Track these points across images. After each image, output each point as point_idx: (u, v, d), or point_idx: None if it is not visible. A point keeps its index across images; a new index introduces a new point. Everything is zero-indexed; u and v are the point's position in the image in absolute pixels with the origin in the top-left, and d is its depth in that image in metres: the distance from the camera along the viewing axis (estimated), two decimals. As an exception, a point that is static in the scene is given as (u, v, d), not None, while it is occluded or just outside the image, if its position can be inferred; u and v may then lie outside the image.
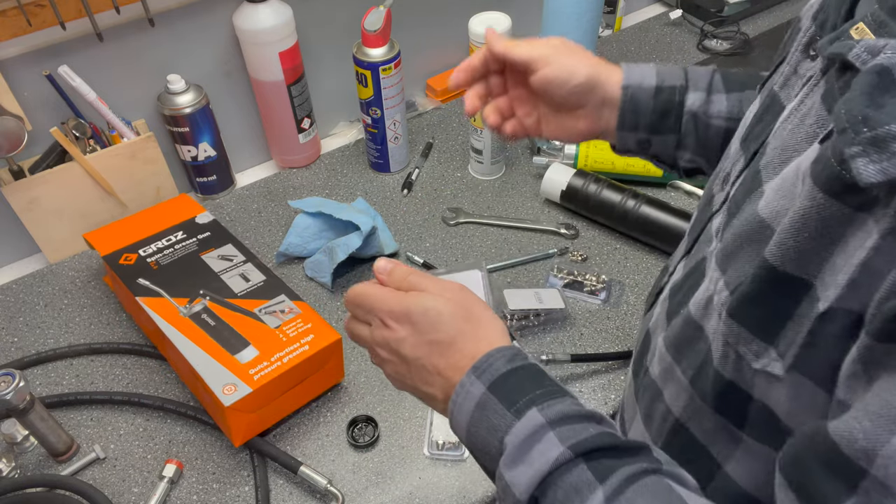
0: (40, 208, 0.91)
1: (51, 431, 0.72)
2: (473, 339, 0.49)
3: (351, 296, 0.54)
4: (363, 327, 0.54)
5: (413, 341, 0.50)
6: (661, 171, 1.01)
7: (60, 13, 0.81)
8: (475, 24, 0.91)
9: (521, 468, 0.43)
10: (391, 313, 0.51)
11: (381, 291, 0.53)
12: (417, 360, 0.50)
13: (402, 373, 0.52)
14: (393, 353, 0.51)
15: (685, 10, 1.36)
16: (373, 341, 0.53)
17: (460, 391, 0.47)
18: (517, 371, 0.47)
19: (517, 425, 0.44)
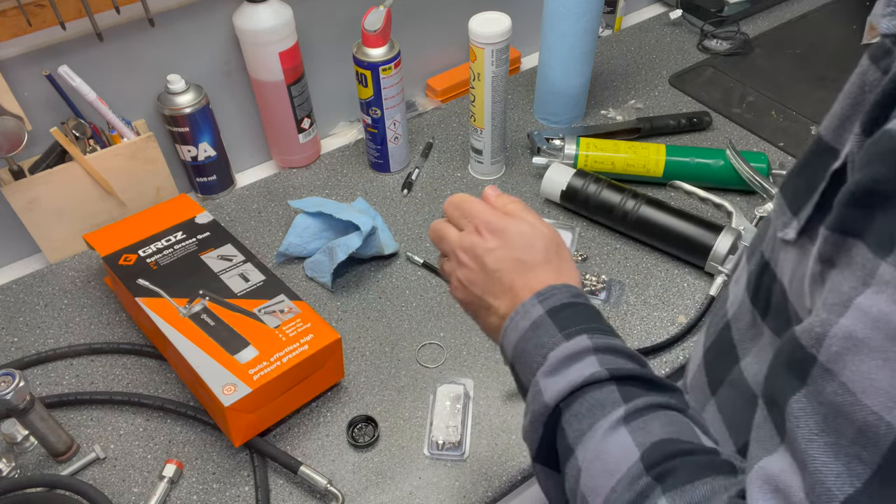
0: (40, 208, 0.91)
1: (51, 431, 0.72)
2: (554, 272, 0.53)
3: (455, 199, 0.58)
4: (453, 230, 0.57)
5: (500, 254, 0.53)
6: (661, 171, 1.01)
7: (60, 13, 0.81)
8: (475, 24, 0.91)
9: (555, 378, 0.46)
10: (488, 224, 0.54)
11: (484, 204, 0.57)
12: (497, 272, 0.53)
13: (473, 280, 0.54)
14: (474, 259, 0.54)
15: (685, 10, 1.36)
16: (458, 243, 0.56)
17: (520, 310, 0.51)
18: (577, 305, 0.50)
19: (564, 344, 0.47)
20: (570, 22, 1.03)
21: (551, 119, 1.16)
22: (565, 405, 0.45)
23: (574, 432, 0.44)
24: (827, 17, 1.38)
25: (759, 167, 0.97)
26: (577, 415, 0.45)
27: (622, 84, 1.24)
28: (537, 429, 0.47)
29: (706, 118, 1.13)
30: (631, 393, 0.44)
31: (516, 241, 0.53)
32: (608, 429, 0.42)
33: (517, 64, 1.29)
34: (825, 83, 1.21)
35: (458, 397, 0.79)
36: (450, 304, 0.90)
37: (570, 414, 0.45)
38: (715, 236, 0.88)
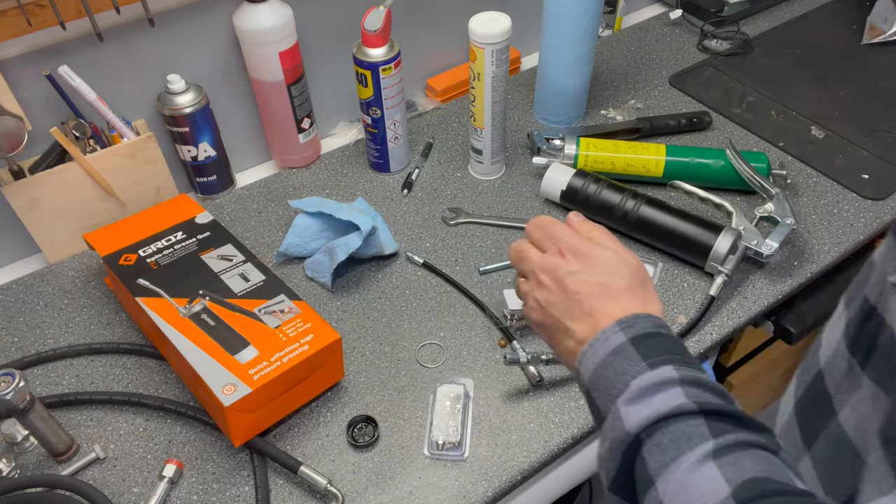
0: (40, 208, 0.91)
1: (51, 431, 0.72)
2: (638, 301, 0.52)
3: (539, 220, 0.59)
4: (535, 250, 0.58)
5: (582, 277, 0.53)
6: (661, 171, 1.01)
7: (60, 13, 0.81)
8: (475, 24, 0.91)
9: (637, 406, 0.45)
10: (572, 247, 0.55)
11: (568, 228, 0.57)
12: (577, 294, 0.53)
13: (552, 301, 0.54)
14: (555, 281, 0.55)
15: (685, 10, 1.36)
16: (539, 264, 0.56)
17: (601, 336, 0.50)
18: (661, 336, 0.50)
19: (648, 373, 0.46)
20: (570, 22, 1.03)
21: (551, 119, 1.16)
22: (647, 434, 0.44)
23: (656, 463, 0.43)
24: (827, 17, 1.38)
25: (759, 167, 0.97)
26: (659, 445, 0.43)
27: (622, 84, 1.24)
28: (616, 457, 0.45)
29: (706, 118, 1.13)
30: (720, 428, 0.42)
31: (600, 267, 0.53)
32: (695, 462, 0.41)
33: (517, 64, 1.29)
34: (825, 83, 1.21)
35: (458, 397, 0.79)
36: (450, 304, 0.90)
37: (652, 444, 0.43)
38: (715, 236, 0.88)
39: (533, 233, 0.59)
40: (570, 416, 0.78)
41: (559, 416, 0.78)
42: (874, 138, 1.10)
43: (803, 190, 1.03)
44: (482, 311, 0.89)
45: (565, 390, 0.80)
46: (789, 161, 1.07)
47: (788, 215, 0.90)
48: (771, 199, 0.93)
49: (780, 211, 0.91)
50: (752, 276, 0.92)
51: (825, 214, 0.99)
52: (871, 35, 1.30)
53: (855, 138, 1.10)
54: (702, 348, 0.84)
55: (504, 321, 0.86)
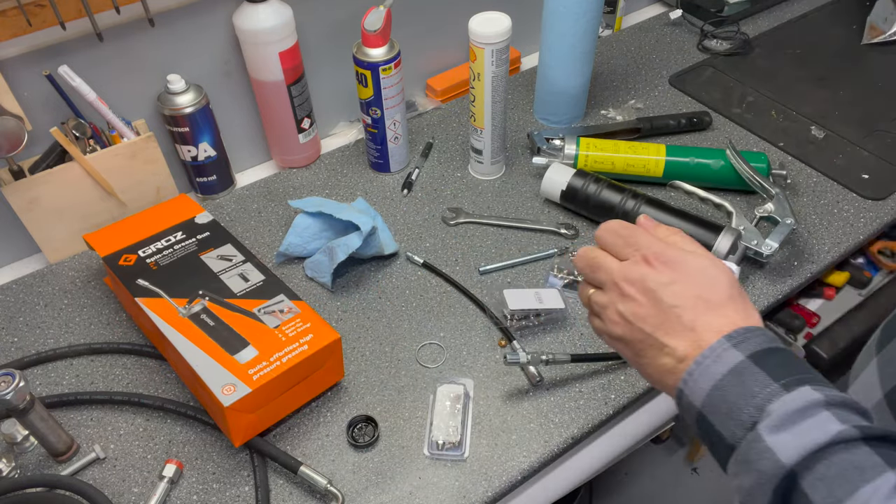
0: (40, 208, 0.91)
1: (51, 431, 0.72)
2: (742, 311, 0.49)
3: (613, 225, 0.54)
4: (612, 259, 0.53)
5: (678, 289, 0.49)
6: (661, 171, 1.01)
7: (60, 13, 0.81)
8: (475, 24, 0.91)
9: (786, 436, 0.42)
10: (660, 255, 0.51)
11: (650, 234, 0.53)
12: (674, 308, 0.49)
13: (641, 315, 0.50)
14: (644, 294, 0.50)
15: (685, 10, 1.36)
16: (622, 274, 0.52)
17: (710, 354, 0.47)
18: (780, 351, 0.47)
19: (786, 396, 0.43)
20: (570, 22, 1.03)
21: (551, 119, 1.16)
22: (803, 467, 0.41)
23: (825, 499, 0.40)
24: (827, 17, 1.38)
25: (759, 167, 0.97)
26: (824, 479, 0.40)
27: (622, 84, 1.24)
28: (766, 492, 0.42)
29: (706, 118, 1.13)
30: (891, 456, 0.40)
31: (697, 277, 0.50)
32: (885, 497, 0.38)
33: (517, 64, 1.29)
34: (825, 83, 1.21)
35: (458, 397, 0.79)
36: (450, 304, 0.90)
37: (813, 477, 0.40)
38: (715, 236, 0.88)
39: (607, 238, 0.54)
40: (570, 416, 0.78)
41: (559, 416, 0.78)
42: (874, 138, 1.10)
43: (803, 190, 1.03)
44: (482, 311, 0.89)
45: (565, 390, 0.80)
46: (789, 161, 1.07)
47: (788, 215, 0.90)
48: (771, 199, 0.93)
49: (780, 211, 0.91)
50: (752, 276, 0.92)
51: (825, 214, 0.99)
52: (871, 35, 1.30)
53: (855, 138, 1.10)
54: (702, 348, 0.84)
55: (504, 321, 0.87)
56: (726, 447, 0.46)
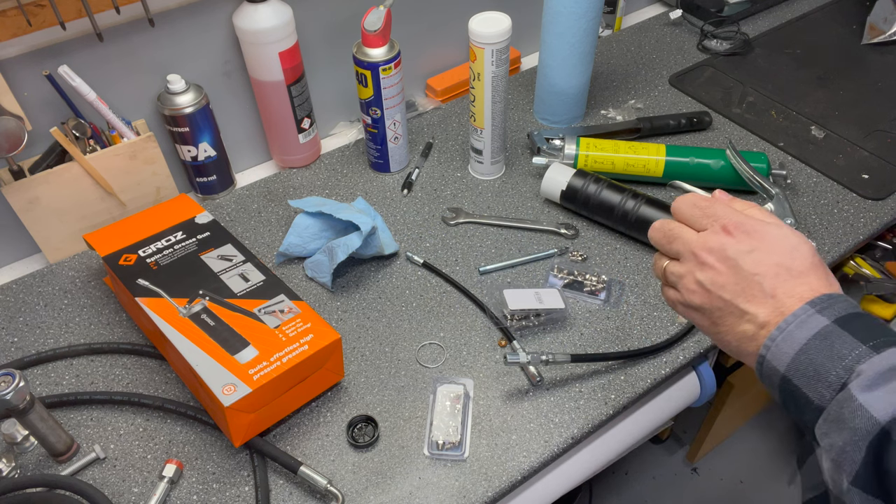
0: (40, 208, 0.91)
1: (51, 431, 0.72)
2: (824, 279, 0.50)
3: (690, 198, 0.55)
4: (689, 229, 0.55)
5: (759, 257, 0.50)
6: (661, 171, 1.01)
7: (60, 13, 0.81)
8: (475, 24, 0.91)
9: (879, 393, 0.43)
10: (740, 225, 0.52)
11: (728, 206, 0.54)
12: (755, 275, 0.50)
13: (721, 283, 0.51)
14: (723, 261, 0.52)
15: (685, 10, 1.37)
16: (701, 244, 0.53)
17: (793, 320, 0.48)
18: (865, 316, 0.48)
19: (876, 357, 0.44)
20: (570, 22, 1.03)
21: (551, 119, 1.16)
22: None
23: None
24: (827, 17, 1.38)
25: (759, 167, 0.97)
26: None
27: (622, 84, 1.24)
28: (860, 448, 0.43)
29: (706, 118, 1.13)
30: None
31: (777, 245, 0.50)
32: None
33: (517, 64, 1.29)
34: (825, 83, 1.21)
35: (458, 397, 0.79)
36: (450, 304, 0.90)
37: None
38: (715, 236, 0.87)
39: (684, 210, 0.55)
40: (570, 416, 0.78)
41: (559, 416, 0.78)
42: (874, 138, 1.10)
43: (803, 190, 1.03)
44: (482, 311, 0.89)
45: (565, 390, 0.80)
46: (789, 161, 1.08)
47: (788, 215, 0.90)
48: (771, 199, 0.93)
49: (780, 211, 0.91)
50: (752, 276, 0.92)
51: (825, 214, 0.99)
52: (871, 35, 1.30)
53: (855, 138, 1.10)
54: (701, 348, 0.84)
55: (504, 321, 0.87)
56: (814, 409, 0.47)
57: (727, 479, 1.60)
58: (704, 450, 1.52)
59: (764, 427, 1.67)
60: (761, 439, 1.65)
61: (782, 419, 1.68)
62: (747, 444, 1.64)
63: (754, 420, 1.67)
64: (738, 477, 1.60)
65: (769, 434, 1.66)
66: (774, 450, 1.63)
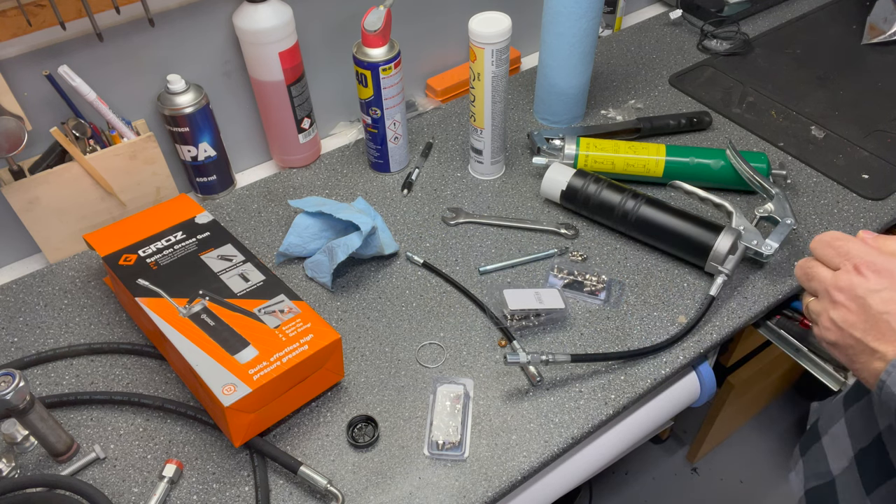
0: (40, 208, 0.91)
1: (51, 431, 0.72)
2: None
3: (826, 237, 0.57)
4: (825, 268, 0.56)
5: (888, 296, 0.51)
6: (661, 171, 1.01)
7: (60, 13, 0.81)
8: (475, 24, 0.91)
9: None
10: (871, 264, 0.52)
11: (862, 243, 0.55)
12: (884, 314, 0.51)
13: (851, 322, 0.53)
14: (853, 300, 0.53)
15: (685, 10, 1.37)
16: (833, 283, 0.54)
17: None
18: None
19: None
20: (569, 22, 1.03)
21: (551, 119, 1.16)
22: None
23: None
24: (827, 17, 1.38)
25: (759, 167, 0.97)
26: None
27: (622, 84, 1.24)
28: None
29: (706, 118, 1.13)
30: None
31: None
32: None
33: (517, 64, 1.29)
34: (825, 83, 1.21)
35: (458, 397, 0.79)
36: (450, 304, 0.90)
37: None
38: (715, 236, 0.88)
39: (821, 250, 0.57)
40: (570, 416, 0.78)
41: (559, 416, 0.78)
42: (874, 138, 1.10)
43: (803, 190, 1.03)
44: (482, 311, 0.89)
45: (565, 390, 0.80)
46: (789, 161, 1.07)
47: (788, 215, 0.90)
48: (771, 199, 0.93)
49: (780, 211, 0.91)
50: (752, 276, 0.92)
51: (825, 214, 0.99)
52: (871, 35, 1.30)
53: (855, 138, 1.10)
54: (702, 348, 0.84)
55: (504, 321, 0.87)
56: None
57: (727, 479, 1.60)
58: (704, 450, 1.52)
59: (764, 427, 1.67)
60: (761, 439, 1.65)
61: (782, 419, 1.68)
62: (747, 444, 1.64)
63: (754, 420, 1.67)
64: (738, 477, 1.60)
65: (769, 434, 1.66)
66: (774, 450, 1.63)
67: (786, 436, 1.66)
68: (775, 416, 1.68)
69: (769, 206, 0.92)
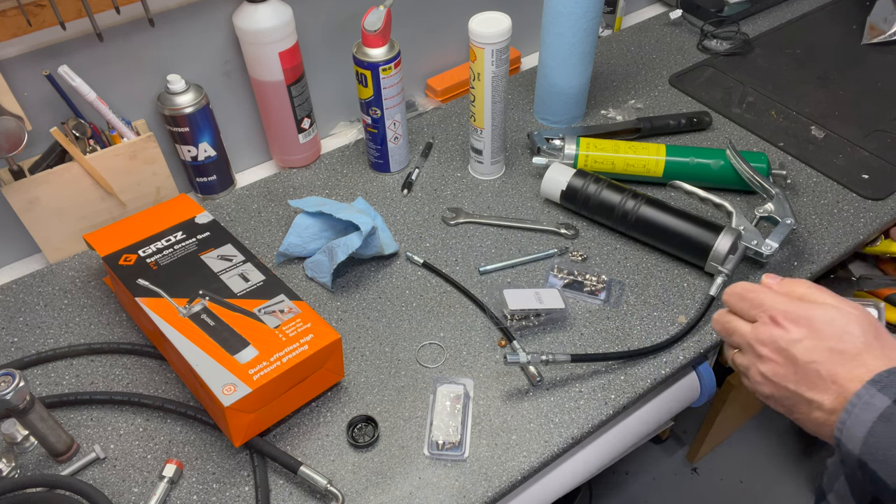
0: (40, 208, 0.91)
1: (51, 431, 0.72)
2: (883, 357, 0.50)
3: (737, 289, 0.56)
4: (742, 323, 0.55)
5: (810, 345, 0.50)
6: (661, 171, 1.01)
7: (60, 13, 0.81)
8: (475, 24, 0.91)
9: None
10: (786, 314, 0.52)
11: (773, 292, 0.54)
12: (811, 364, 0.50)
13: (782, 374, 0.52)
14: (778, 353, 0.52)
15: (685, 10, 1.37)
16: (755, 337, 0.53)
17: (857, 402, 0.47)
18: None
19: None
20: (569, 22, 1.03)
21: (551, 119, 1.16)
22: None
23: None
24: (827, 17, 1.38)
25: (759, 167, 0.97)
26: None
27: (622, 84, 1.24)
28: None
29: (706, 118, 1.13)
30: None
31: (826, 330, 0.50)
32: None
33: (517, 64, 1.29)
34: (825, 83, 1.21)
35: (458, 397, 0.79)
36: (450, 304, 0.90)
37: None
38: (715, 236, 0.88)
39: (734, 303, 0.56)
40: (570, 416, 0.78)
41: (559, 416, 0.78)
42: (874, 138, 1.10)
43: (803, 190, 1.03)
44: (482, 311, 0.89)
45: (565, 390, 0.80)
46: (789, 161, 1.07)
47: (788, 215, 0.90)
48: (771, 199, 0.93)
49: (780, 211, 0.91)
50: (752, 277, 0.92)
51: (825, 214, 0.99)
52: (871, 35, 1.30)
53: (855, 138, 1.10)
54: (702, 348, 0.84)
55: (504, 321, 0.87)
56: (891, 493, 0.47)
57: (727, 479, 1.60)
58: (704, 450, 1.52)
59: (764, 427, 1.67)
60: (761, 439, 1.65)
61: (782, 419, 1.68)
62: (747, 444, 1.64)
63: (754, 420, 1.67)
64: (738, 477, 1.60)
65: (769, 434, 1.66)
66: (774, 450, 1.63)
67: (786, 436, 1.66)
68: (775, 416, 1.68)
69: (769, 206, 0.92)
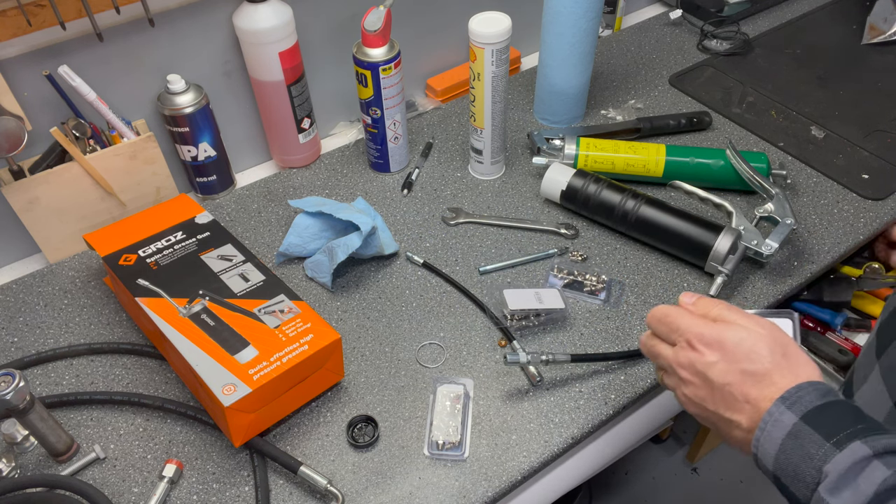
0: (40, 208, 0.91)
1: (51, 431, 0.72)
2: (790, 374, 0.51)
3: (658, 314, 0.57)
4: (664, 346, 0.57)
5: (723, 367, 0.52)
6: (661, 171, 1.01)
7: (60, 13, 0.81)
8: (475, 24, 0.91)
9: (846, 494, 0.44)
10: (700, 337, 0.53)
11: (689, 315, 0.55)
12: (725, 386, 0.52)
13: (702, 396, 0.54)
14: (696, 376, 0.54)
15: (685, 10, 1.37)
16: (675, 361, 0.55)
17: (768, 419, 0.49)
18: (832, 406, 0.48)
19: (839, 455, 0.45)
20: (569, 22, 1.03)
21: (551, 119, 1.16)
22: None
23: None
24: (827, 17, 1.38)
25: (759, 167, 0.97)
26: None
27: (622, 84, 1.24)
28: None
29: (706, 118, 1.13)
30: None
31: (736, 353, 0.52)
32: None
33: (517, 64, 1.29)
34: (825, 83, 1.21)
35: (458, 397, 0.79)
36: (450, 304, 0.90)
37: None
38: (715, 236, 0.88)
39: (655, 326, 0.58)
40: (570, 416, 0.78)
41: (559, 416, 0.78)
42: (874, 138, 1.10)
43: (803, 190, 1.03)
44: (482, 311, 0.89)
45: (565, 390, 0.80)
46: (789, 161, 1.07)
47: (788, 215, 0.90)
48: (771, 199, 0.93)
49: (780, 211, 0.91)
50: (752, 276, 0.92)
51: (825, 214, 0.99)
52: (871, 35, 1.30)
53: (855, 138, 1.10)
54: (702, 348, 0.84)
55: (504, 321, 0.87)
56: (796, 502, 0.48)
57: (727, 479, 1.60)
58: (704, 450, 1.52)
59: (764, 427, 1.67)
60: (761, 439, 1.65)
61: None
62: (747, 444, 1.64)
63: (754, 420, 1.66)
64: (738, 477, 1.60)
65: (769, 434, 1.66)
66: (774, 450, 1.63)
67: (786, 436, 1.66)
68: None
69: (769, 206, 0.92)
